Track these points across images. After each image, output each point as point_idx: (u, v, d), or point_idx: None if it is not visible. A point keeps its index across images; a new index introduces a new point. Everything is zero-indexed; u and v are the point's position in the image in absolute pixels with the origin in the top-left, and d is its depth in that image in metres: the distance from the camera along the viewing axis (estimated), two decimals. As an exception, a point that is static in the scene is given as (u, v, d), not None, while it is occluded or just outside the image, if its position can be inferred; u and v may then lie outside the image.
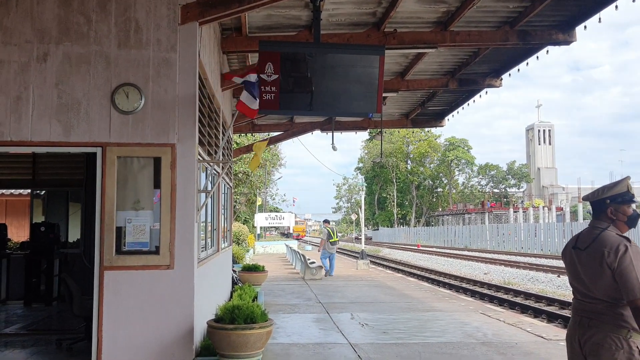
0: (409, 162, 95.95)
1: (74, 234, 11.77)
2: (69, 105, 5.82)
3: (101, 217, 5.76)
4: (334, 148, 14.53)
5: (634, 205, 3.38)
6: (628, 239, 3.19)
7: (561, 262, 4.12)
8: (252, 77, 6.34)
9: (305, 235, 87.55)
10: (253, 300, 7.02)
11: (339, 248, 38.59)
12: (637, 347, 3.10)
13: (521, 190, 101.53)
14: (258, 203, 42.14)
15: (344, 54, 6.11)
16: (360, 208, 27.40)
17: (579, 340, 3.28)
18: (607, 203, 3.35)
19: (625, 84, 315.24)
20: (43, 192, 12.21)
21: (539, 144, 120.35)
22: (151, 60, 5.94)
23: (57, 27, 5.88)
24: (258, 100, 6.19)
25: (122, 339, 5.69)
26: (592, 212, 3.47)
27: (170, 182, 5.87)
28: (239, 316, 5.32)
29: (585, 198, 3.57)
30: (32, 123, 5.78)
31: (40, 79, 5.83)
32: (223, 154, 9.62)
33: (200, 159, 6.44)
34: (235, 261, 16.70)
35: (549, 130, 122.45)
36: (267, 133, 20.98)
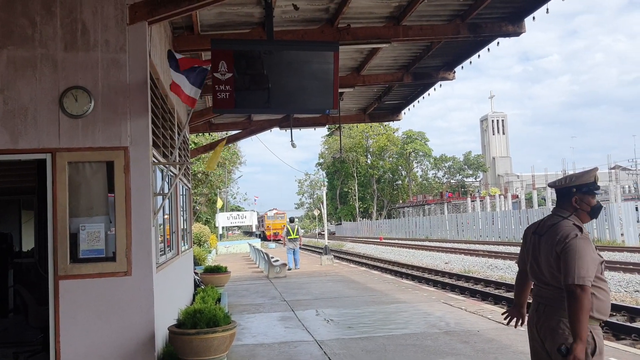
0: (369, 156, 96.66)
1: (28, 243, 11.40)
2: (15, 111, 5.60)
3: (53, 225, 5.58)
4: (293, 145, 14.50)
5: (597, 197, 3.46)
6: (581, 229, 3.27)
7: (518, 248, 4.23)
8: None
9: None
10: (216, 302, 6.95)
11: (303, 244, 38.76)
12: (590, 332, 3.17)
13: (478, 179, 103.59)
14: (219, 205, 41.65)
15: (297, 50, 6.09)
16: (322, 203, 27.45)
17: (536, 326, 3.36)
18: (573, 192, 3.41)
19: (574, 72, 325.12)
20: (-7, 201, 11.76)
21: (493, 134, 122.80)
22: (100, 62, 5.77)
23: (0, 30, 5.65)
24: (199, 89, 6.03)
25: (81, 349, 5.53)
26: (556, 199, 3.53)
27: (124, 186, 5.72)
28: (201, 320, 5.25)
29: (551, 185, 3.60)
30: (-24, 131, 5.55)
31: (-17, 85, 5.59)
32: (180, 155, 9.47)
33: (155, 161, 6.31)
34: (197, 263, 16.49)
35: (502, 120, 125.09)
36: (224, 132, 20.80)
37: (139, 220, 5.73)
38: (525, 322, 3.65)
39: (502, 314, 3.94)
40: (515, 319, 3.82)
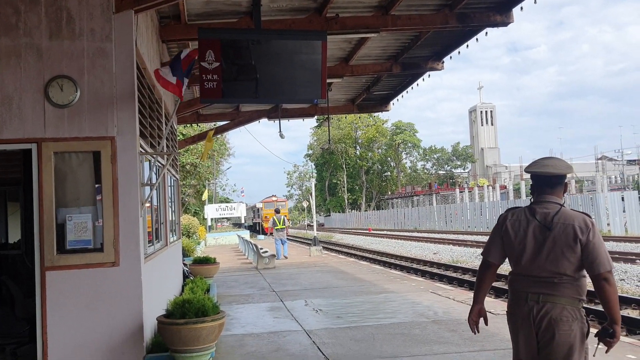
0: (358, 147, 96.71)
1: (14, 234, 11.30)
2: (0, 101, 5.54)
3: (40, 215, 5.53)
4: (281, 136, 14.47)
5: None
6: (589, 215, 3.32)
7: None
8: (183, 53, 6.15)
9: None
10: (205, 293, 6.92)
11: (291, 236, 38.99)
12: (585, 316, 3.29)
13: (466, 170, 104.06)
14: (204, 197, 41.44)
15: (285, 39, 6.06)
16: (311, 195, 27.45)
17: (533, 318, 3.30)
18: (564, 178, 3.43)
19: (561, 63, 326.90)
20: (-22, 192, 11.64)
21: (482, 125, 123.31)
22: (85, 51, 5.71)
23: (-17, 18, 5.57)
24: (186, 78, 6.02)
25: (68, 341, 5.51)
26: (547, 187, 3.40)
27: (111, 177, 5.68)
28: (189, 310, 5.23)
29: (553, 172, 3.38)
30: (-41, 120, 5.48)
31: (-33, 74, 5.51)
32: (167, 146, 9.41)
33: (143, 151, 6.27)
34: (185, 254, 16.44)
35: (491, 111, 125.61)
36: (212, 123, 20.70)
37: (127, 210, 5.70)
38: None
39: (469, 321, 3.69)
40: (482, 319, 3.69)
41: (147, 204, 6.34)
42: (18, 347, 6.39)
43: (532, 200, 3.48)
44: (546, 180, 3.40)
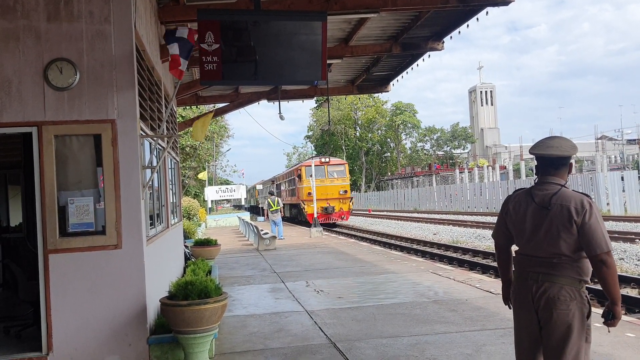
0: (358, 128, 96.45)
1: (16, 217, 11.33)
2: (-1, 84, 5.52)
3: (42, 199, 5.54)
4: (281, 117, 14.43)
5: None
6: (588, 196, 3.30)
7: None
8: (183, 32, 6.14)
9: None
10: (207, 275, 6.97)
11: (292, 216, 39.10)
12: (586, 297, 3.30)
13: (466, 151, 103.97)
14: (202, 177, 41.38)
15: (285, 20, 6.01)
16: (312, 176, 27.46)
17: (532, 297, 3.34)
18: (569, 159, 3.41)
19: (561, 42, 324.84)
20: (-22, 176, 11.64)
21: (482, 105, 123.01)
22: (84, 33, 5.67)
23: (-21, 0, 5.52)
24: (185, 59, 6.02)
25: (72, 323, 5.56)
26: (550, 167, 3.40)
27: (112, 159, 5.68)
28: (192, 292, 5.27)
29: (556, 153, 3.36)
30: (-41, 104, 5.46)
31: (-35, 57, 5.48)
32: (167, 128, 9.39)
33: (143, 134, 6.26)
34: (186, 236, 16.50)
35: (491, 91, 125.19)
36: (212, 105, 20.62)
37: (128, 193, 5.71)
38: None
39: (504, 301, 3.78)
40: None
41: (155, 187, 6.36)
42: (22, 329, 6.45)
43: (535, 181, 3.48)
44: (550, 161, 3.39)
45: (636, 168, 50.67)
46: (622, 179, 34.49)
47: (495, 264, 14.32)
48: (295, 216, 37.86)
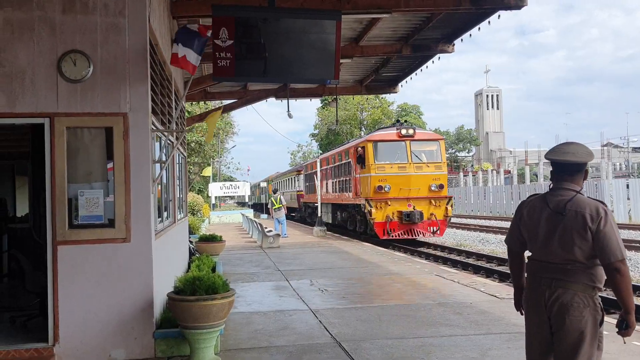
0: (363, 129, 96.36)
1: (23, 208, 11.35)
2: (13, 75, 5.52)
3: (52, 190, 5.55)
4: (289, 115, 14.40)
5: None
6: (604, 203, 3.28)
7: (509, 223, 4.01)
8: (193, 27, 6.14)
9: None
10: (212, 271, 6.98)
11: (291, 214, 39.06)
12: (599, 304, 3.28)
13: (470, 154, 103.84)
14: (206, 174, 41.40)
15: (300, 18, 6.01)
16: (316, 175, 27.43)
17: (545, 302, 3.33)
18: (584, 166, 3.39)
19: (569, 48, 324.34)
20: (-14, 166, 11.67)
21: (488, 109, 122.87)
22: (99, 26, 5.68)
23: (-4, -9, 5.53)
24: (199, 55, 6.01)
25: (79, 315, 5.57)
26: (564, 174, 3.39)
27: (123, 153, 5.69)
28: (200, 287, 5.27)
29: (571, 159, 3.35)
30: (-28, 93, 5.47)
31: (-20, 47, 5.50)
32: (177, 123, 9.40)
33: (154, 128, 6.26)
34: (191, 232, 16.53)
35: (497, 95, 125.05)
36: (219, 101, 20.63)
37: (138, 187, 5.72)
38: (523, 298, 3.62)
39: (515, 307, 3.80)
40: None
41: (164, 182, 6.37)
42: (28, 319, 6.46)
43: (550, 186, 3.47)
44: (566, 167, 3.38)
45: (641, 176, 50.51)
46: (628, 186, 34.37)
47: (499, 268, 14.32)
48: (343, 223, 24.25)
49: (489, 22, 10.45)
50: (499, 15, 9.85)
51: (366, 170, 19.60)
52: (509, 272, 13.38)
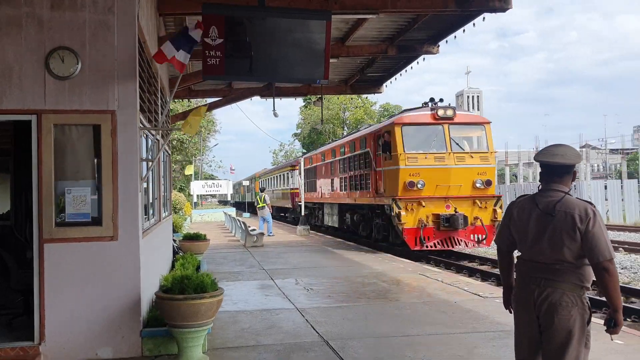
0: (345, 128, 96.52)
1: (3, 206, 11.19)
2: (0, 71, 5.46)
3: (39, 188, 5.50)
4: (275, 114, 14.43)
5: None
6: (592, 204, 3.36)
7: None
8: (194, 31, 6.10)
9: None
10: (197, 270, 6.96)
11: (280, 214, 38.97)
12: (587, 303, 3.35)
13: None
14: (188, 172, 41.19)
15: (290, 18, 6.03)
16: (301, 174, 27.45)
17: (534, 301, 3.39)
18: (573, 167, 3.46)
19: (549, 50, 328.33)
20: (-34, 162, 11.47)
21: (468, 110, 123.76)
22: (87, 23, 5.64)
23: (-18, -14, 5.46)
24: (188, 53, 5.98)
25: (65, 313, 5.53)
26: (552, 175, 3.46)
27: (111, 151, 5.66)
28: (188, 286, 5.26)
29: (560, 160, 3.42)
30: (-43, 89, 5.40)
31: (-34, 42, 5.42)
32: (164, 121, 9.35)
33: (142, 126, 6.24)
34: (174, 230, 16.43)
35: (478, 96, 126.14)
36: (203, 99, 20.54)
37: (126, 185, 5.70)
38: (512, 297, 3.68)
39: (504, 305, 3.81)
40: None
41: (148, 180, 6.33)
42: (13, 318, 6.39)
43: (539, 187, 3.53)
44: (555, 169, 3.45)
45: (619, 177, 51.37)
46: (606, 187, 34.94)
47: (482, 267, 14.46)
48: (354, 228, 20.36)
49: (473, 24, 10.57)
50: (484, 18, 9.96)
51: (392, 161, 15.30)
52: (490, 271, 13.39)
